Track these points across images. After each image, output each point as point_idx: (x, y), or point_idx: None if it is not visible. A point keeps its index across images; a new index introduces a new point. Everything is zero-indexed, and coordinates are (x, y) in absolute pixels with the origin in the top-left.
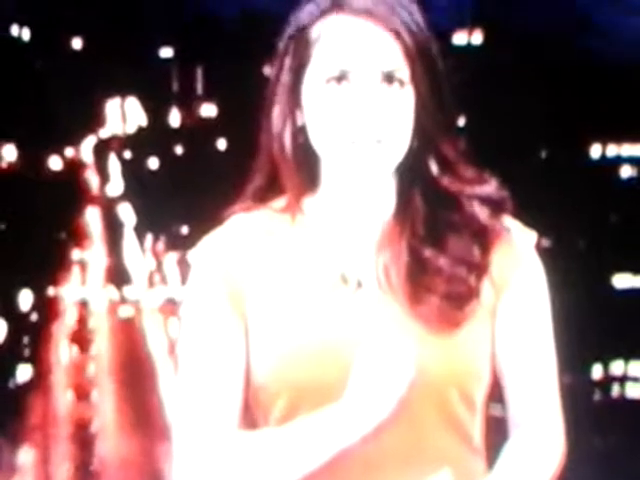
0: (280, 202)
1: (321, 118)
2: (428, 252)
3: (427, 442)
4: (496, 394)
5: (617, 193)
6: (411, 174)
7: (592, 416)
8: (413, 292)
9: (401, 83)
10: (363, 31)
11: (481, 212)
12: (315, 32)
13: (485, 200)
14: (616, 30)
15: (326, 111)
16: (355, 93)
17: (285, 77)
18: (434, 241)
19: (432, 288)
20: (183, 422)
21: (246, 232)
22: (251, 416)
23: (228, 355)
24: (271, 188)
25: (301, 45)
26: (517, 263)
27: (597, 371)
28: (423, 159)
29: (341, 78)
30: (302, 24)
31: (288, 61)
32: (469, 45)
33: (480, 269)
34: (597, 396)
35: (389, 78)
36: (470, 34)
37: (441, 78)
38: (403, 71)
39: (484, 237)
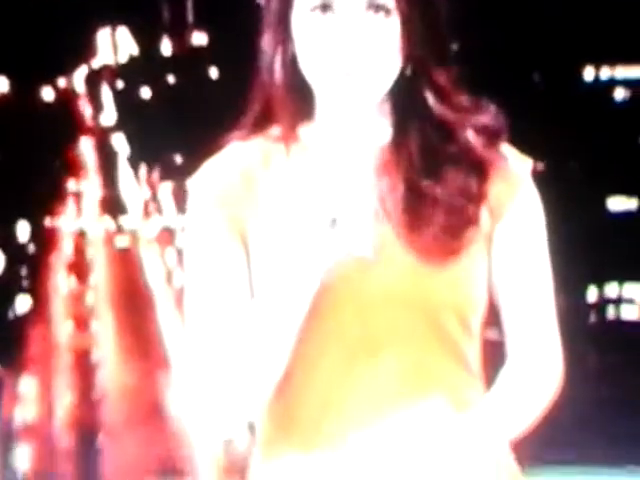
0: (276, 130)
1: (307, 48)
2: (425, 183)
3: (426, 367)
4: (492, 318)
5: (611, 116)
6: (406, 103)
7: (588, 336)
8: (410, 222)
9: (387, 11)
10: None
11: (477, 142)
12: None
13: (481, 130)
14: None
15: (311, 41)
16: (339, 22)
17: (273, 6)
18: (431, 171)
19: (429, 218)
20: (187, 349)
21: (244, 159)
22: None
23: (232, 279)
24: (268, 116)
25: None
26: (513, 191)
27: (592, 293)
28: (417, 87)
29: (325, 7)
30: None
31: None
32: None
33: (477, 198)
34: (592, 317)
35: (374, 6)
36: None
37: (429, 5)
38: (389, 1)
39: (480, 166)
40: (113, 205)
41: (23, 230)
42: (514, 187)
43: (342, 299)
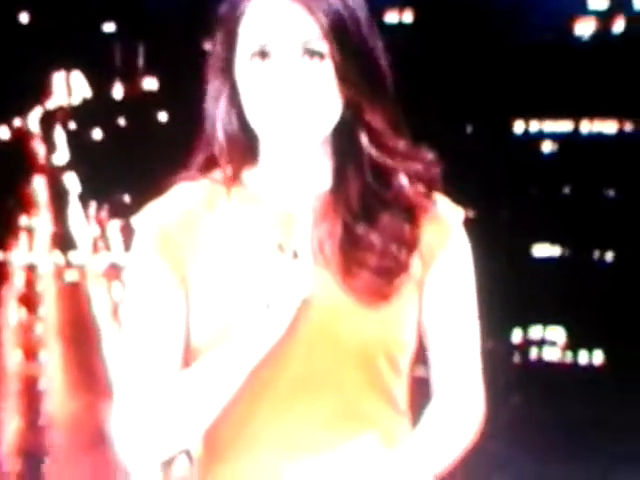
0: (221, 173)
1: (249, 93)
2: (360, 228)
3: (355, 405)
4: (421, 356)
5: (538, 167)
6: (344, 147)
7: (512, 376)
8: (346, 266)
9: (321, 56)
10: (282, 8)
11: (411, 189)
12: (240, 9)
13: (415, 177)
14: (539, 8)
15: (253, 87)
16: (276, 68)
17: (217, 54)
18: (366, 217)
19: (364, 263)
20: (123, 384)
21: (188, 200)
22: None
23: (168, 319)
24: (213, 160)
25: (230, 23)
26: (444, 238)
27: (517, 335)
28: (354, 131)
29: (263, 54)
30: (230, 3)
31: (219, 38)
32: (400, 24)
33: (409, 244)
34: (517, 358)
35: (308, 52)
36: (401, 13)
37: (361, 51)
38: (321, 45)
39: (413, 213)
40: (63, 241)
41: None
42: (445, 235)
43: (282, 338)
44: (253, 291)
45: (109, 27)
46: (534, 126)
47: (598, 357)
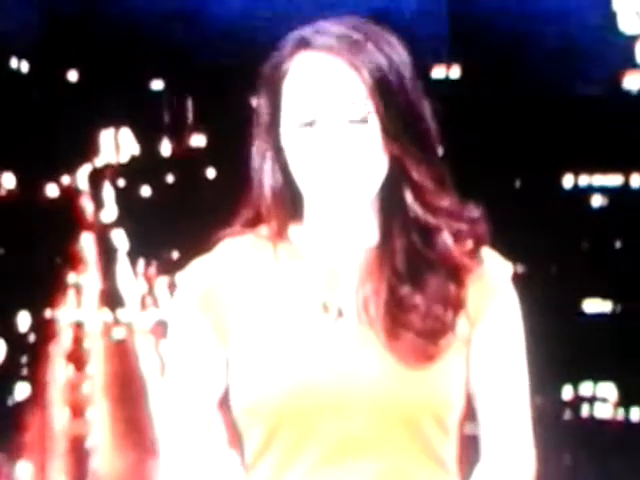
0: (266, 229)
1: (296, 158)
2: (405, 289)
3: (401, 467)
4: (472, 414)
5: (588, 221)
6: (389, 203)
7: (562, 434)
8: (390, 327)
9: (366, 120)
10: (326, 68)
11: (456, 249)
12: (283, 69)
13: (461, 236)
14: (587, 62)
15: (299, 152)
16: (324, 135)
17: (262, 112)
18: (411, 278)
19: (408, 325)
20: (167, 442)
21: (233, 257)
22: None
23: (208, 377)
24: (259, 216)
25: (273, 83)
26: (491, 297)
27: (567, 392)
28: (399, 188)
29: (310, 123)
30: (274, 62)
31: (264, 100)
32: (447, 79)
33: (455, 305)
34: (567, 415)
35: (354, 116)
36: (448, 68)
37: (408, 107)
38: (367, 104)
39: (459, 273)
40: (111, 298)
41: (24, 320)
42: (492, 293)
43: (323, 399)
44: (296, 351)
45: (157, 85)
46: (583, 180)
47: None
